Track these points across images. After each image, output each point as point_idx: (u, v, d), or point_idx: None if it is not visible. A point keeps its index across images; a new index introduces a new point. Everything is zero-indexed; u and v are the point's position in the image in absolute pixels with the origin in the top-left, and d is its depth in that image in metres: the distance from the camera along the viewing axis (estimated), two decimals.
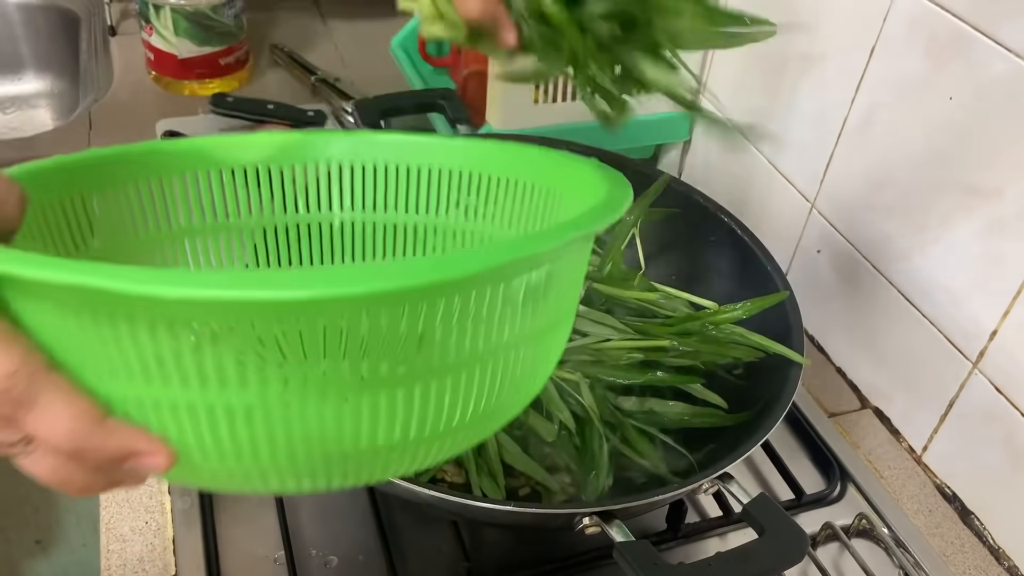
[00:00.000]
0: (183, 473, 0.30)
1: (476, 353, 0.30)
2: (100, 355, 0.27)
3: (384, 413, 0.29)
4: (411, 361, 0.28)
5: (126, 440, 0.28)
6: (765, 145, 0.81)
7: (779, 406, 0.54)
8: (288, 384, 0.27)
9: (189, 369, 0.26)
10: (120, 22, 1.13)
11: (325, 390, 0.27)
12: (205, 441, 0.28)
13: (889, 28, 0.64)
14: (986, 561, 0.63)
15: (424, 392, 0.29)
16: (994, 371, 0.61)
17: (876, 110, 0.67)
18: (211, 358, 0.26)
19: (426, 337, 0.28)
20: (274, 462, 0.29)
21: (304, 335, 0.26)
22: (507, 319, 0.30)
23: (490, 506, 0.48)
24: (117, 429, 0.28)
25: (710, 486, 0.50)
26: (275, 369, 0.27)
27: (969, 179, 0.60)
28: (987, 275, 0.60)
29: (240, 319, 0.26)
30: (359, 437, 0.29)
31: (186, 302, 0.24)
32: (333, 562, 0.57)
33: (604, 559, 0.57)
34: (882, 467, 0.68)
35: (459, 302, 0.28)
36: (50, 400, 0.27)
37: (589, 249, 0.36)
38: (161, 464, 0.28)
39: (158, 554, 0.57)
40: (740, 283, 0.67)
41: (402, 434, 0.30)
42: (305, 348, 0.26)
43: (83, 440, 0.27)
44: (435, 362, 0.29)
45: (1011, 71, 0.55)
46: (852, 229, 0.72)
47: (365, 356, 0.27)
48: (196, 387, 0.27)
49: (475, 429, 0.33)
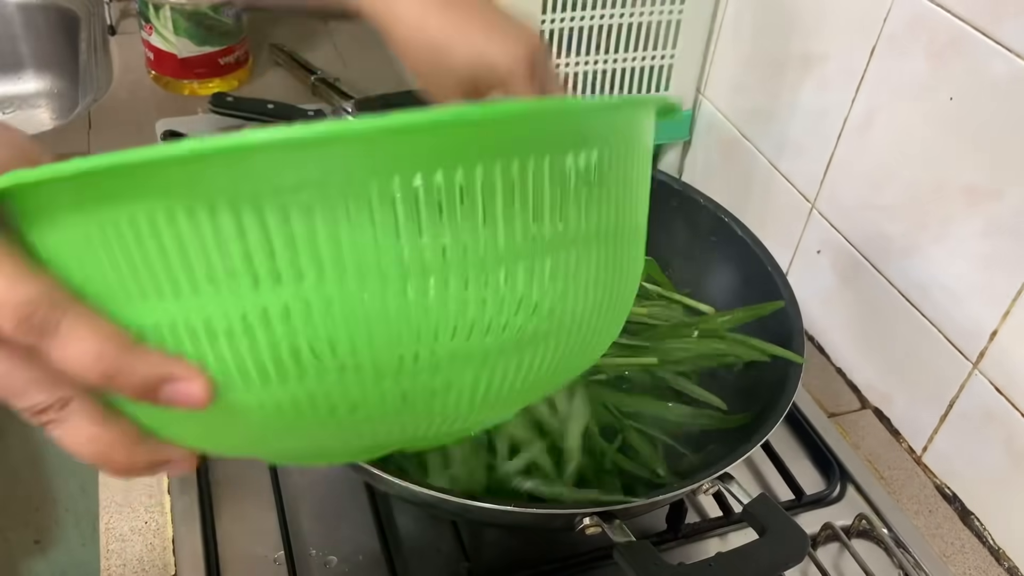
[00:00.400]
0: (220, 420, 0.27)
1: (541, 237, 0.27)
2: (129, 272, 0.25)
3: (466, 295, 0.26)
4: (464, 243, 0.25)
5: (159, 363, 0.26)
6: (765, 145, 0.81)
7: (779, 407, 0.54)
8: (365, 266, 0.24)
9: (255, 254, 0.24)
10: (120, 21, 1.13)
11: (404, 268, 0.25)
12: (248, 362, 0.25)
13: (889, 28, 0.64)
14: (986, 562, 0.63)
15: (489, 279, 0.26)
16: (994, 371, 0.61)
17: (876, 110, 0.67)
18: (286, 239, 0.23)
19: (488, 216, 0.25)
20: (325, 386, 0.26)
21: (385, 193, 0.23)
22: (559, 203, 0.27)
23: (490, 506, 0.48)
24: (149, 352, 0.26)
25: (710, 486, 0.50)
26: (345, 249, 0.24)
27: (969, 179, 0.60)
28: (987, 275, 0.60)
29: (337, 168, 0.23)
30: (437, 330, 0.26)
31: (278, 145, 0.22)
32: (333, 562, 0.57)
33: (604, 559, 0.57)
34: (882, 467, 0.68)
35: (499, 167, 0.25)
36: (74, 324, 0.26)
37: (647, 160, 0.32)
38: (198, 392, 0.26)
39: (158, 554, 0.57)
40: (740, 283, 0.67)
41: (483, 331, 0.27)
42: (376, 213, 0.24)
43: (112, 362, 0.26)
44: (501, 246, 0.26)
45: (1011, 71, 0.55)
46: (852, 229, 0.72)
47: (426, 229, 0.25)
48: (247, 286, 0.24)
49: (552, 346, 0.29)
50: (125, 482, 0.60)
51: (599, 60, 0.80)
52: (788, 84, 0.76)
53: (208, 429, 0.29)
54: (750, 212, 0.82)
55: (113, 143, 0.92)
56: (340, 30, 1.18)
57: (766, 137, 0.80)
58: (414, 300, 0.25)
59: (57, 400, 0.27)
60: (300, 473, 0.62)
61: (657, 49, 0.81)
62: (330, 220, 0.24)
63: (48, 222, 0.25)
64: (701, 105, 0.88)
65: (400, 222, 0.24)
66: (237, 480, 0.61)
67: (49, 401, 0.27)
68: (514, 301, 0.27)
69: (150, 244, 0.24)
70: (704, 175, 0.91)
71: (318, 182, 0.23)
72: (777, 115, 0.78)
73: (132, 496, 0.60)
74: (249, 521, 0.58)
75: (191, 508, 0.58)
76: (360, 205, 0.24)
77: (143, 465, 0.30)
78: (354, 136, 0.23)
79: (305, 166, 0.23)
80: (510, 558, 0.58)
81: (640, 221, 0.33)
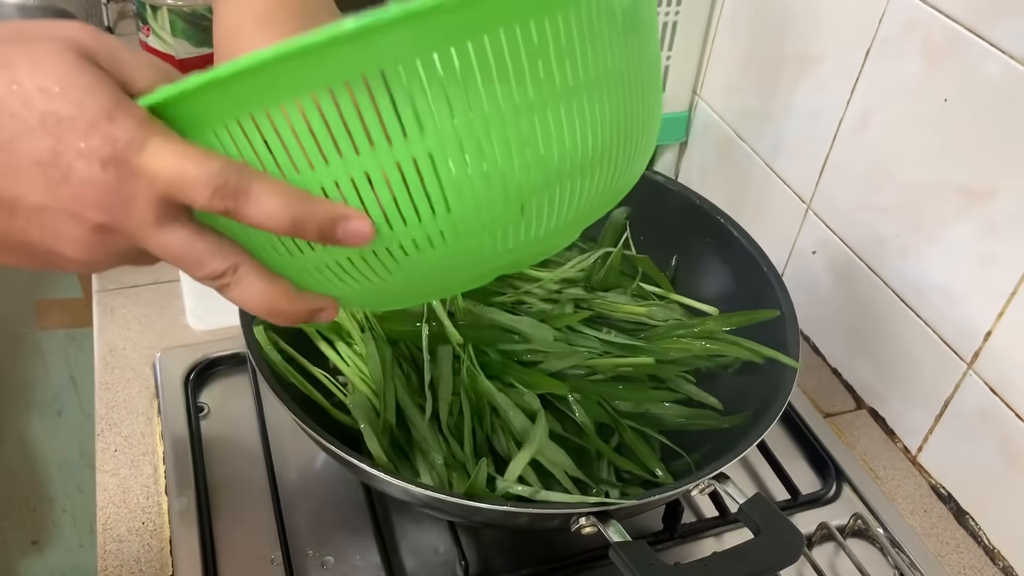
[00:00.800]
0: (373, 263, 0.33)
1: (600, 73, 0.32)
2: (293, 150, 0.30)
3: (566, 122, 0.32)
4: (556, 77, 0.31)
5: (334, 208, 0.31)
6: (761, 146, 0.81)
7: (775, 407, 0.54)
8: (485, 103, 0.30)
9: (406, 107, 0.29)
10: (117, 23, 1.13)
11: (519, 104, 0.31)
12: (403, 202, 0.31)
13: (884, 30, 0.64)
14: (981, 561, 0.63)
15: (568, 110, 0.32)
16: (989, 372, 0.61)
17: (871, 112, 0.67)
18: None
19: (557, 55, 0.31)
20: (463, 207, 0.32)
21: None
22: (612, 39, 0.32)
23: (486, 506, 0.48)
24: (324, 201, 0.31)
25: (706, 486, 0.51)
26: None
27: (964, 180, 0.60)
28: (982, 276, 0.60)
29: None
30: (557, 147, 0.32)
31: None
32: (330, 562, 0.57)
33: (601, 559, 0.58)
34: (877, 467, 0.69)
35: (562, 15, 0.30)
36: (261, 186, 0.30)
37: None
38: (366, 229, 0.31)
39: (155, 555, 0.57)
40: (736, 284, 0.67)
41: (584, 145, 0.33)
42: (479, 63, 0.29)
43: (299, 210, 0.30)
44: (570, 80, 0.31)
45: (1005, 72, 0.56)
46: (847, 230, 0.72)
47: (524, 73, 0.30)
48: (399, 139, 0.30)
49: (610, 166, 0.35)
50: (122, 482, 0.61)
51: None
52: (784, 85, 0.76)
53: (354, 278, 0.34)
54: (746, 213, 0.83)
55: None
56: None
57: (762, 138, 0.80)
58: (526, 132, 0.31)
59: (231, 265, 0.33)
60: (297, 474, 0.62)
61: None
62: (453, 78, 0.29)
63: (207, 122, 0.30)
64: (697, 106, 0.89)
65: (503, 70, 0.30)
66: (234, 481, 0.61)
67: (224, 266, 0.32)
68: (589, 125, 0.33)
69: (306, 124, 0.29)
70: (700, 176, 0.91)
71: (432, 48, 0.29)
72: (773, 116, 0.78)
73: (129, 497, 0.60)
74: (246, 522, 0.59)
75: (188, 509, 0.59)
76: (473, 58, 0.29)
77: (303, 312, 0.35)
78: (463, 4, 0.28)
79: (421, 39, 0.28)
80: (507, 558, 0.58)
81: (657, 53, 0.39)
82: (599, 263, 0.70)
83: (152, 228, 0.31)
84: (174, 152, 0.29)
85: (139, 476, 0.61)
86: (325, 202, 0.31)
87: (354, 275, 0.34)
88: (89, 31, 0.31)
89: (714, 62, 0.85)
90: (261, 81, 0.28)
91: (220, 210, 0.30)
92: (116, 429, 0.64)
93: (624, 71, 0.34)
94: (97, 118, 0.29)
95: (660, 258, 0.72)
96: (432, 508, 0.53)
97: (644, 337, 0.65)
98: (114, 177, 0.29)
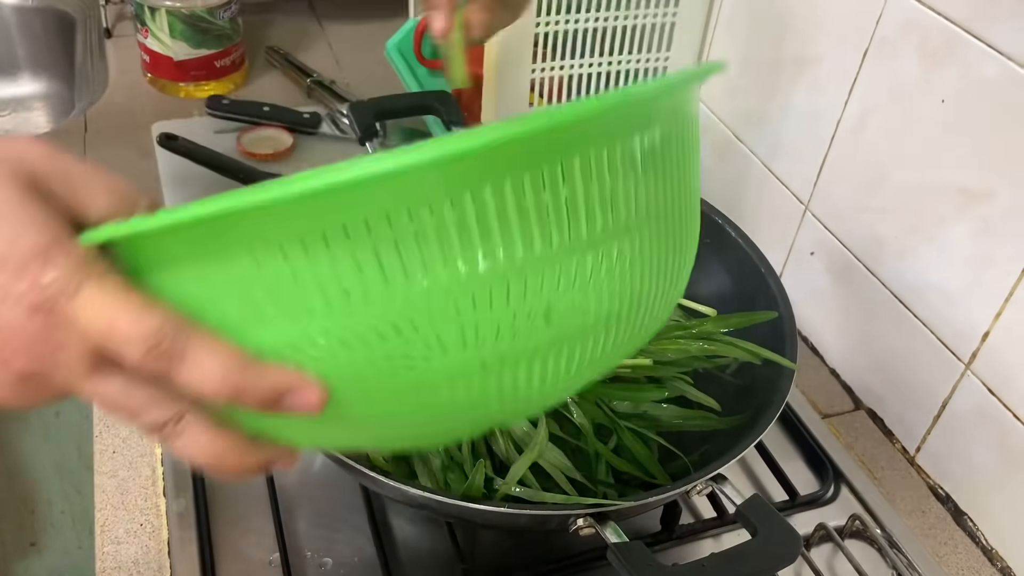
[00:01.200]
0: (333, 422, 0.30)
1: (620, 223, 0.29)
2: (243, 301, 0.27)
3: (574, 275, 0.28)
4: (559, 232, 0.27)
5: (280, 376, 0.28)
6: (759, 147, 0.81)
7: (772, 408, 0.54)
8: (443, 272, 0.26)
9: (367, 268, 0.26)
10: (116, 24, 1.13)
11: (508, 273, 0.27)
12: (358, 368, 0.28)
13: (882, 31, 0.64)
14: (979, 562, 0.63)
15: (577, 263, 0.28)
16: (986, 372, 0.61)
17: (869, 112, 0.67)
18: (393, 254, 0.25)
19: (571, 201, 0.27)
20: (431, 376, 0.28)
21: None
22: (632, 184, 0.29)
23: (484, 508, 0.48)
24: (269, 367, 0.28)
25: (704, 487, 0.51)
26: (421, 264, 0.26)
27: (961, 181, 0.60)
28: (979, 276, 0.60)
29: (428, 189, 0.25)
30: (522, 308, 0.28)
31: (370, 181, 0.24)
32: (328, 564, 0.57)
33: (598, 560, 0.58)
34: (875, 468, 0.69)
35: (579, 159, 0.27)
36: (200, 348, 0.27)
37: (696, 124, 0.35)
38: (314, 399, 0.28)
39: (153, 556, 0.57)
40: (734, 285, 0.67)
41: (595, 311, 0.29)
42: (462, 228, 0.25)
43: (238, 379, 0.27)
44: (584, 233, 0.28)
45: (1002, 73, 0.56)
46: (845, 231, 0.72)
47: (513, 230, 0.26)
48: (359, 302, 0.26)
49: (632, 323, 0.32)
50: (120, 484, 0.61)
51: (593, 63, 0.80)
52: (781, 86, 0.76)
53: (315, 429, 0.31)
54: (744, 214, 0.83)
55: (109, 146, 0.93)
56: (336, 32, 1.18)
57: (760, 139, 0.81)
58: (497, 302, 0.27)
59: (173, 415, 0.30)
60: (296, 475, 0.62)
61: (651, 52, 0.82)
62: (438, 226, 0.25)
63: (160, 264, 0.27)
64: None
65: (487, 229, 0.26)
66: (232, 483, 0.61)
67: (166, 417, 0.29)
68: (604, 283, 0.29)
69: (260, 278, 0.26)
70: None
71: (414, 201, 0.25)
72: (771, 117, 0.78)
73: (128, 498, 0.60)
74: (245, 523, 0.59)
75: (187, 510, 0.58)
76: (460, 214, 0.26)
77: (253, 466, 0.32)
78: (446, 159, 0.24)
79: (405, 191, 0.25)
80: (505, 560, 0.58)
81: (695, 188, 0.34)
82: None
83: (82, 378, 0.29)
84: (109, 302, 0.27)
85: (137, 478, 0.61)
86: (272, 370, 0.28)
87: (317, 427, 0.31)
88: (42, 151, 0.29)
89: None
90: (221, 228, 0.25)
91: (153, 371, 0.27)
92: (114, 431, 0.64)
93: (644, 217, 0.30)
94: (30, 259, 0.27)
95: None
96: (430, 510, 0.53)
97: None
98: (42, 325, 0.27)
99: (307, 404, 0.28)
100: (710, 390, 0.62)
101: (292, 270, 0.26)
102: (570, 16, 0.76)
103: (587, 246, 0.28)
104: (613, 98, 0.28)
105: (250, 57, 1.07)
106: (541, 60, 0.78)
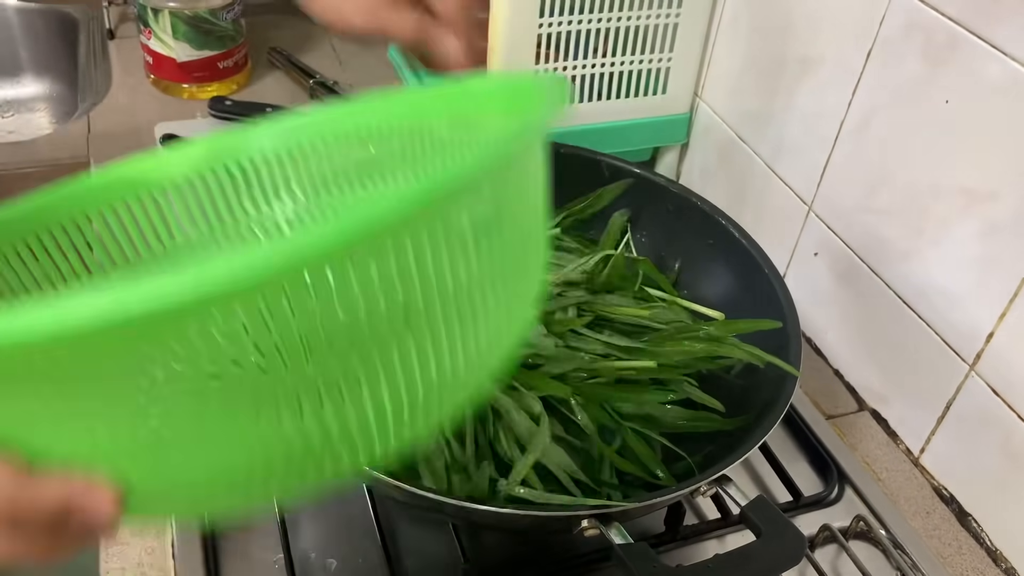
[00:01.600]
0: (139, 508, 0.28)
1: (431, 309, 0.27)
2: (14, 408, 0.25)
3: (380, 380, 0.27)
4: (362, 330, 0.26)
5: (62, 488, 0.25)
6: (762, 148, 0.81)
7: (776, 409, 0.54)
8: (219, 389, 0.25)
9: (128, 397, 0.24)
10: (118, 25, 1.13)
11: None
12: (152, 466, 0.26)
13: (885, 31, 0.64)
14: (984, 563, 0.63)
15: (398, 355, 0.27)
16: (991, 373, 0.61)
17: (873, 113, 0.67)
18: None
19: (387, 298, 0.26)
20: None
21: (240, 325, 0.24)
22: (460, 260, 0.27)
23: (489, 508, 0.48)
24: (48, 481, 0.25)
25: (708, 488, 0.51)
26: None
27: (965, 182, 0.60)
28: (984, 278, 0.60)
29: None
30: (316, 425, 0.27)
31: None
32: (332, 565, 0.57)
33: (603, 561, 0.58)
34: (880, 469, 0.69)
35: (393, 253, 0.25)
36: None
37: (538, 169, 0.32)
38: (107, 505, 0.25)
39: (157, 558, 0.57)
40: (737, 286, 0.67)
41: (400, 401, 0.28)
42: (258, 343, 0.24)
43: (14, 501, 0.25)
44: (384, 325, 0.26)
45: (1006, 74, 0.56)
46: (849, 232, 0.72)
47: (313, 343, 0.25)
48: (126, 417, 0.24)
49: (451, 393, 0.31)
50: None
51: (596, 64, 0.80)
52: (785, 87, 0.76)
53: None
54: (747, 214, 0.83)
55: (112, 147, 0.93)
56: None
57: (763, 140, 0.81)
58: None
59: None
60: None
61: (654, 52, 0.82)
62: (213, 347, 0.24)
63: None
64: (698, 108, 0.89)
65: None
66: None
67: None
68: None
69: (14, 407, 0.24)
70: (701, 178, 0.91)
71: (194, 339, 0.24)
72: (774, 118, 0.78)
73: None
74: (248, 525, 0.59)
75: None
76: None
77: (68, 548, 0.29)
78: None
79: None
80: (509, 561, 0.58)
81: (538, 228, 0.33)
82: (600, 265, 0.70)
83: None
84: None
85: None
86: (52, 486, 0.25)
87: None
88: None
89: (715, 64, 0.85)
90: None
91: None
92: None
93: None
94: None
95: (661, 260, 0.72)
96: (434, 511, 0.53)
97: (646, 340, 0.65)
98: None
99: (100, 513, 0.26)
100: (714, 391, 0.62)
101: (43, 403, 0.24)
102: (573, 17, 0.76)
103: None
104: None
105: (253, 58, 1.08)
106: (544, 61, 0.78)
